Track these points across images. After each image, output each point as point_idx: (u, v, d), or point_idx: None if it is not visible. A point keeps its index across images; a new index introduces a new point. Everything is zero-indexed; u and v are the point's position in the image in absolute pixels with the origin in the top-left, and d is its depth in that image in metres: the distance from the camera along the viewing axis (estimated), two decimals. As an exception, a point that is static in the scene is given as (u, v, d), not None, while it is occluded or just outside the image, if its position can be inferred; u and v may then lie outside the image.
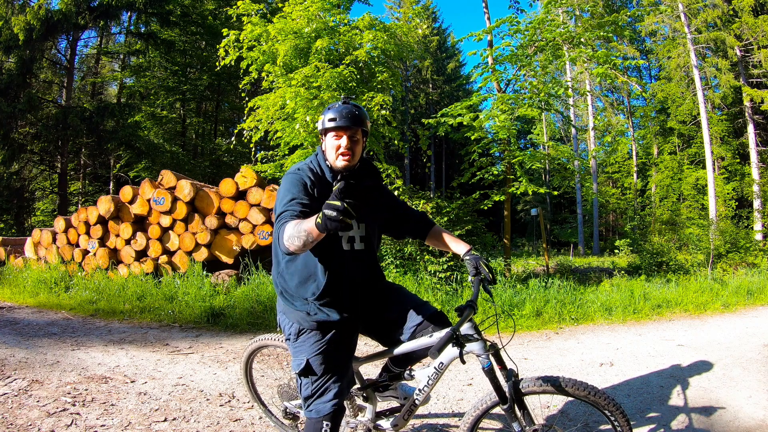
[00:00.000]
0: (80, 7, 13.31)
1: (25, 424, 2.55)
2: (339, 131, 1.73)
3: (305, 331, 1.77)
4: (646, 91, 18.92)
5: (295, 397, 2.28)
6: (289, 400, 2.29)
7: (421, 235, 2.10)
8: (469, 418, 1.81)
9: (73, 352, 4.00)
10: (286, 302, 1.82)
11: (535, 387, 1.74)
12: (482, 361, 1.71)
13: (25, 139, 14.69)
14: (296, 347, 1.78)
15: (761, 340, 4.46)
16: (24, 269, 7.65)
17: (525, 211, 28.72)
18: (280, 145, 7.06)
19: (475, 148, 7.55)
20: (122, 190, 7.26)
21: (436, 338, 1.77)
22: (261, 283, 5.94)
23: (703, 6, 15.01)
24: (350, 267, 1.79)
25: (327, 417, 1.71)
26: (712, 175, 14.35)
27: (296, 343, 1.78)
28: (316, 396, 1.75)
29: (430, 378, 1.85)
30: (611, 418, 1.72)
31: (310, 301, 1.76)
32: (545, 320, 5.26)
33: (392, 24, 7.73)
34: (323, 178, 1.76)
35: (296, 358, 1.77)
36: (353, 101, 1.80)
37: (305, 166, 1.77)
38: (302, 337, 1.77)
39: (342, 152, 1.73)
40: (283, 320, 1.85)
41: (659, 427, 2.63)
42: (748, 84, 15.30)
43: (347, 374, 1.83)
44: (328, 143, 1.76)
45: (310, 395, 1.75)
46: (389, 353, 1.92)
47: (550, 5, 7.25)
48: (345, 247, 1.78)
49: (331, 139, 1.75)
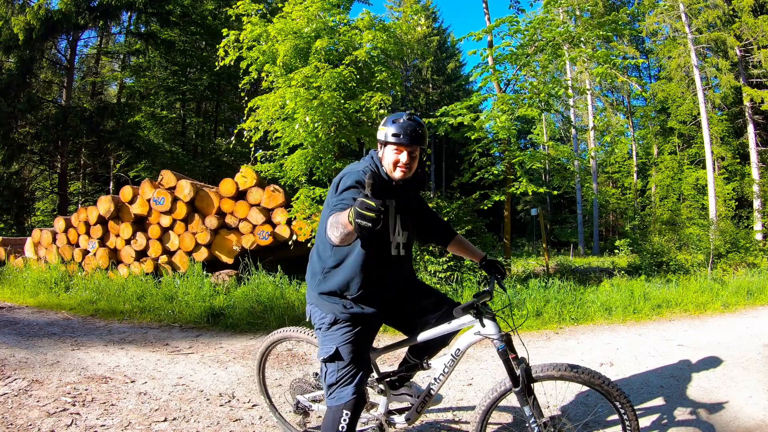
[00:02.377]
0: (80, 7, 13.30)
1: (25, 424, 2.55)
2: (400, 147, 1.81)
3: (339, 322, 1.85)
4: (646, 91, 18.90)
5: (308, 392, 2.28)
6: (302, 394, 2.30)
7: (444, 242, 2.25)
8: (483, 405, 1.86)
9: (73, 352, 4.00)
10: (322, 295, 1.89)
11: (552, 372, 1.80)
12: (496, 343, 1.82)
13: (25, 139, 14.68)
14: (327, 336, 1.86)
15: (761, 340, 4.46)
16: (24, 269, 7.65)
17: (525, 211, 28.73)
18: (279, 145, 7.06)
19: (476, 147, 7.54)
20: (122, 190, 7.26)
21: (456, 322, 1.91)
22: (261, 283, 5.94)
23: (703, 6, 15.01)
24: (392, 270, 1.93)
25: (347, 405, 1.77)
26: (712, 175, 14.35)
27: (327, 333, 1.86)
28: (340, 383, 1.81)
29: (447, 366, 1.94)
30: (621, 410, 1.77)
31: (349, 297, 1.85)
32: (545, 320, 5.26)
33: (392, 23, 7.72)
34: (384, 180, 1.87)
35: (325, 346, 1.85)
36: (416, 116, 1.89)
37: (366, 168, 1.84)
38: (334, 328, 1.85)
39: (400, 166, 1.83)
40: (314, 312, 1.92)
41: (659, 427, 2.63)
42: (748, 84, 15.30)
43: (368, 364, 1.93)
44: (388, 154, 1.84)
45: (334, 383, 1.81)
46: (412, 341, 2.01)
47: (550, 5, 7.25)
48: (393, 252, 1.90)
49: (391, 151, 1.83)
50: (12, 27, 12.36)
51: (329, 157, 6.89)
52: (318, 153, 6.74)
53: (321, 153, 6.78)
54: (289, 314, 5.18)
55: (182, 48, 16.98)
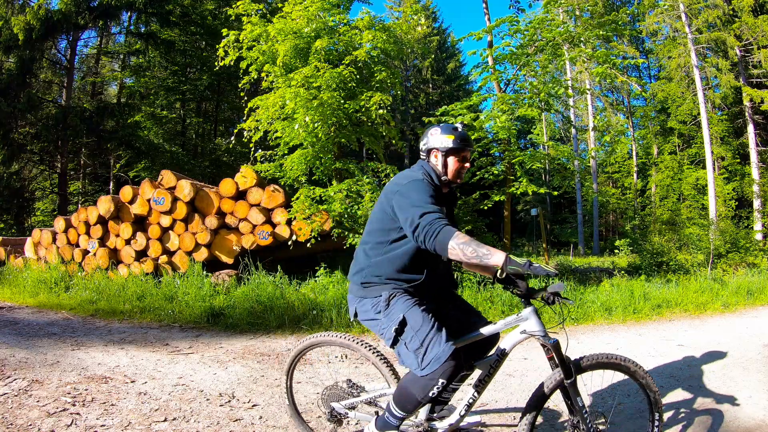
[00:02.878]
0: (80, 7, 13.29)
1: (25, 424, 2.55)
2: (464, 153, 2.01)
3: (396, 295, 1.89)
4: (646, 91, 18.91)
5: (344, 398, 2.20)
6: (337, 401, 2.22)
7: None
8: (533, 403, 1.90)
9: (73, 352, 4.00)
10: (372, 284, 1.95)
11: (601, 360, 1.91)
12: (545, 341, 1.88)
13: (25, 139, 14.68)
14: (388, 313, 1.87)
15: (761, 340, 4.46)
16: (24, 269, 7.65)
17: (525, 211, 28.70)
18: (279, 145, 7.07)
19: (475, 147, 7.55)
20: (122, 190, 7.26)
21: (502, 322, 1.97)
22: (261, 283, 5.94)
23: (703, 6, 15.01)
24: (440, 271, 2.06)
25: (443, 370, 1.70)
26: (712, 175, 14.35)
27: (388, 309, 1.88)
28: (428, 344, 1.75)
29: (492, 367, 1.97)
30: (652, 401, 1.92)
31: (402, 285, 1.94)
32: (545, 320, 5.21)
33: (392, 23, 7.72)
34: (439, 189, 2.00)
35: (390, 321, 1.85)
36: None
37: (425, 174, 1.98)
38: (393, 301, 1.88)
39: (462, 172, 2.03)
40: (364, 303, 1.96)
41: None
42: (748, 84, 15.29)
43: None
44: (451, 162, 2.01)
45: (419, 346, 1.76)
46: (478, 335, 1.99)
47: (550, 5, 7.25)
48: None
49: (455, 159, 2.01)
50: (12, 27, 12.35)
51: (329, 157, 6.89)
52: (318, 153, 6.74)
53: (321, 153, 6.78)
54: (289, 314, 5.18)
55: (182, 48, 16.97)
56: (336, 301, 5.38)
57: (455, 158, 2.01)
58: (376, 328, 1.94)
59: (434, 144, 2.01)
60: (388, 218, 1.93)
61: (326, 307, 5.25)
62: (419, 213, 1.73)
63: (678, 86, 17.31)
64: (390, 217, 1.91)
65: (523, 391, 3.21)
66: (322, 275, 6.38)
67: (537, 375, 3.55)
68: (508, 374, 3.56)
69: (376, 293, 1.92)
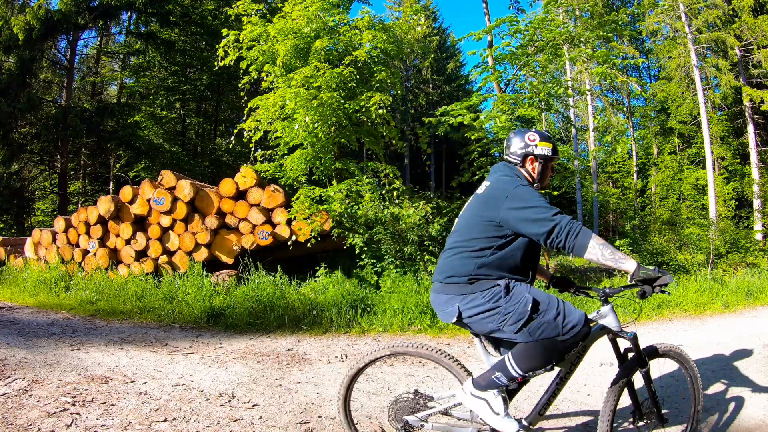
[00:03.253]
0: (80, 7, 13.28)
1: (25, 424, 2.55)
2: (555, 161, 2.13)
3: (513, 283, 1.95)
4: (646, 91, 18.89)
5: (418, 409, 2.13)
6: (411, 414, 2.13)
7: None
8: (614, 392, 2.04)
9: (73, 352, 4.00)
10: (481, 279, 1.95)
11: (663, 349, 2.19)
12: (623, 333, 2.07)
13: (25, 139, 14.66)
14: (512, 300, 1.90)
15: (761, 340, 4.46)
16: (24, 269, 7.65)
17: (525, 211, 28.65)
18: (279, 145, 7.07)
19: (475, 147, 7.55)
20: (122, 190, 7.26)
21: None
22: (261, 283, 5.94)
23: (703, 6, 15.00)
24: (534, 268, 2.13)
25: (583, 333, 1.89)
26: (712, 175, 14.33)
27: (510, 297, 1.90)
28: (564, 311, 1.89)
29: (573, 364, 2.07)
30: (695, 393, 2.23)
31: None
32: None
33: (392, 23, 7.72)
34: None
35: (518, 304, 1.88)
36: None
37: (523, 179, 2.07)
38: (514, 290, 1.92)
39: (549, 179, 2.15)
40: (474, 297, 1.94)
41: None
42: (748, 84, 15.29)
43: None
44: (545, 169, 2.11)
45: (556, 314, 1.87)
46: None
47: (550, 5, 7.25)
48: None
49: (549, 166, 2.12)
50: (12, 27, 12.34)
51: (329, 157, 6.90)
52: (318, 153, 6.74)
53: (321, 153, 6.78)
54: (289, 314, 5.18)
55: (182, 48, 16.95)
56: (336, 301, 5.38)
57: (549, 166, 2.10)
58: (492, 318, 1.92)
59: (532, 150, 2.07)
60: (491, 225, 1.95)
61: (326, 307, 5.25)
62: (550, 215, 1.81)
63: (678, 86, 17.30)
64: (495, 224, 1.94)
65: (523, 391, 3.20)
66: (322, 275, 6.38)
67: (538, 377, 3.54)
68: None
69: (490, 285, 1.93)
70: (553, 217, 1.80)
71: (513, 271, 1.98)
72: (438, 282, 2.06)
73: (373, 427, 2.69)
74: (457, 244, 2.04)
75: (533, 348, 1.90)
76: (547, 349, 1.89)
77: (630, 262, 1.80)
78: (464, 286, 1.96)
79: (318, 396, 3.12)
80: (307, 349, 4.28)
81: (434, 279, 2.11)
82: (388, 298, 5.47)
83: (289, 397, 3.09)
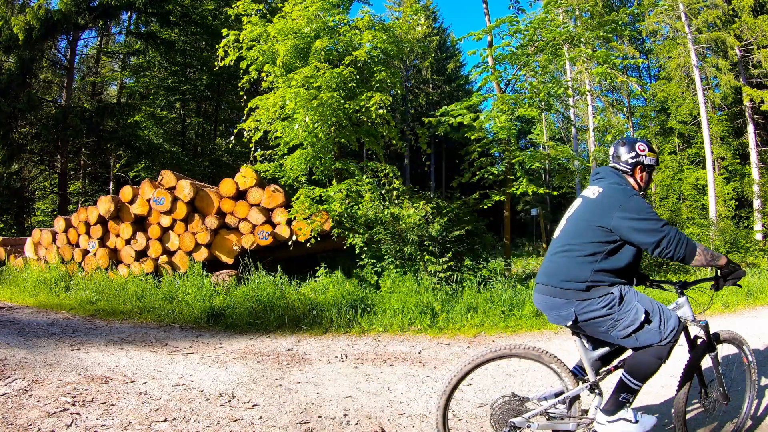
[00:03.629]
0: (80, 7, 13.28)
1: (25, 424, 2.55)
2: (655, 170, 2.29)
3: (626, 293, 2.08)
4: (646, 91, 18.86)
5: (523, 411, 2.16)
6: (517, 416, 2.16)
7: None
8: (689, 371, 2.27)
9: (73, 352, 4.00)
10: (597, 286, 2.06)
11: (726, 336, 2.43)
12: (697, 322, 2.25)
13: (25, 139, 14.66)
14: (624, 308, 2.04)
15: (761, 340, 4.46)
16: (24, 269, 7.65)
17: (525, 211, 28.68)
18: (279, 145, 7.06)
19: (475, 147, 7.54)
20: (122, 190, 7.26)
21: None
22: (261, 283, 5.94)
23: (703, 6, 15.00)
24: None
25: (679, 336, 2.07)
26: (712, 175, 14.33)
27: (622, 305, 2.04)
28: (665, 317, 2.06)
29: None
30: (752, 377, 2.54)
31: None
32: (545, 320, 5.24)
33: (392, 23, 7.72)
34: None
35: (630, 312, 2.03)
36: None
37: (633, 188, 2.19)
38: (626, 298, 2.06)
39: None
40: (589, 303, 2.05)
41: (660, 428, 2.63)
42: (748, 84, 15.28)
43: None
44: (649, 178, 2.24)
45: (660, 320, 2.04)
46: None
47: (550, 5, 7.24)
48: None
49: (650, 176, 2.24)
50: (12, 27, 12.33)
51: (329, 157, 6.90)
52: (318, 153, 6.74)
53: (321, 153, 6.78)
54: (289, 314, 5.18)
55: (182, 48, 16.95)
56: (336, 301, 5.38)
57: (652, 175, 2.26)
58: (604, 323, 2.06)
59: (642, 160, 2.19)
60: (602, 230, 2.06)
61: (326, 307, 5.25)
62: (659, 226, 1.97)
63: (678, 86, 17.29)
64: (606, 230, 2.06)
65: (523, 391, 3.20)
66: (322, 275, 6.38)
67: (537, 375, 3.55)
68: (508, 374, 3.57)
69: (604, 292, 2.06)
70: (662, 228, 1.96)
71: (621, 275, 2.11)
72: (551, 285, 2.14)
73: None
74: (569, 246, 2.14)
75: (643, 360, 2.07)
76: (655, 355, 2.05)
77: (723, 258, 2.11)
78: (581, 292, 2.07)
79: (318, 396, 3.12)
80: (307, 349, 4.28)
81: (542, 281, 2.19)
82: (388, 298, 5.47)
83: (289, 397, 3.09)
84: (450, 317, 5.16)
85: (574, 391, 2.18)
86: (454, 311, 5.26)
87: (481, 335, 4.81)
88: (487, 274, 6.33)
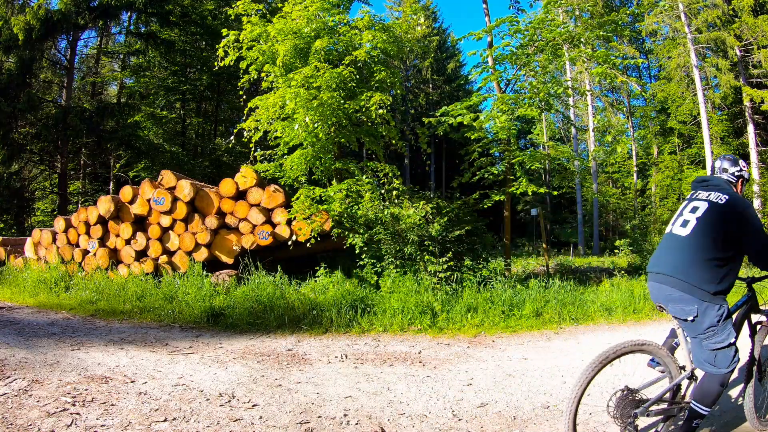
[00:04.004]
0: (80, 7, 13.28)
1: (25, 424, 2.55)
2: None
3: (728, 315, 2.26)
4: (646, 91, 18.89)
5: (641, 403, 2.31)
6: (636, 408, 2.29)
7: None
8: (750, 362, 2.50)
9: (73, 352, 4.00)
10: (720, 294, 2.23)
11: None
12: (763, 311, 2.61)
13: (25, 139, 14.66)
14: (722, 328, 2.23)
15: (761, 340, 4.45)
16: (24, 269, 7.65)
17: (525, 211, 28.69)
18: (279, 145, 7.07)
19: (475, 147, 7.54)
20: (122, 190, 7.26)
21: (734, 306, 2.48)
22: (261, 283, 5.94)
23: (703, 6, 15.01)
24: None
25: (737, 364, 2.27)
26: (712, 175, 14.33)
27: (722, 325, 2.22)
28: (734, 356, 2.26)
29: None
30: None
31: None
32: (545, 320, 5.26)
33: (392, 23, 7.72)
34: None
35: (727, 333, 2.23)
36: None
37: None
38: (727, 320, 2.24)
39: None
40: (711, 309, 2.21)
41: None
42: (748, 84, 15.29)
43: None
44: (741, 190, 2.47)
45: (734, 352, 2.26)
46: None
47: (550, 5, 7.24)
48: None
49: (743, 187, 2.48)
50: (12, 27, 12.34)
51: (329, 157, 6.90)
52: (318, 153, 6.74)
53: (321, 153, 6.78)
54: (289, 314, 5.18)
55: (182, 48, 16.96)
56: (336, 301, 5.38)
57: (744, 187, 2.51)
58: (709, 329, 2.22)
59: (744, 174, 2.48)
60: (729, 237, 2.23)
61: (326, 307, 5.25)
62: (764, 235, 2.19)
63: (678, 86, 17.31)
64: (732, 238, 2.23)
65: (523, 391, 3.21)
66: (322, 275, 6.38)
67: (537, 375, 3.55)
68: (508, 374, 3.57)
69: (720, 302, 2.22)
70: (766, 237, 2.19)
71: (730, 287, 2.28)
72: (681, 280, 2.26)
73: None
74: (700, 246, 2.27)
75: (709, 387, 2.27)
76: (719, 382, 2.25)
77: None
78: (709, 294, 2.22)
79: (318, 396, 3.12)
80: (307, 349, 4.28)
81: (667, 272, 2.32)
82: (388, 298, 5.47)
83: (289, 397, 3.09)
84: (450, 317, 5.16)
85: (678, 379, 2.38)
86: (454, 311, 5.26)
87: (481, 335, 4.81)
88: (487, 274, 6.34)
